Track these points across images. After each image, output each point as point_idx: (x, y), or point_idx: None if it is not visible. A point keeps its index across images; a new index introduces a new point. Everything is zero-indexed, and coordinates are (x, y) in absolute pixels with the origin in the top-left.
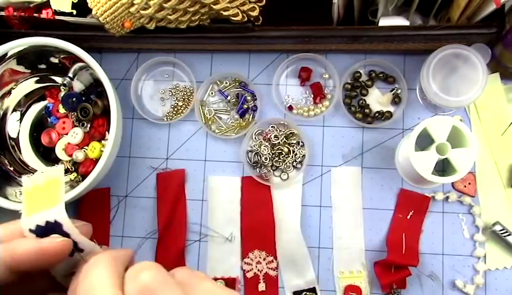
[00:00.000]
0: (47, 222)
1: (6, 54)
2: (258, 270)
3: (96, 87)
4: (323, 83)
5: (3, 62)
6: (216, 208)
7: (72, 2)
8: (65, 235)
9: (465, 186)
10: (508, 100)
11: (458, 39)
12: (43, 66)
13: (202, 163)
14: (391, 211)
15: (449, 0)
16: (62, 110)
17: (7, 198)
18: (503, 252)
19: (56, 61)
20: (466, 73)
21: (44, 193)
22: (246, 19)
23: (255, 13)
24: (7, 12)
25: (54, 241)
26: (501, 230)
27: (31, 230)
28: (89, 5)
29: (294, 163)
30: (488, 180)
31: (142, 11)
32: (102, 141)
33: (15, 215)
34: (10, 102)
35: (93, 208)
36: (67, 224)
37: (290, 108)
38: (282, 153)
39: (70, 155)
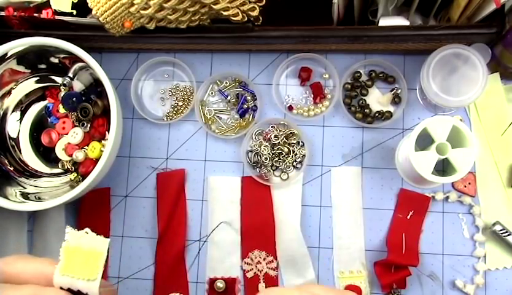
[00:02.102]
0: (79, 291)
1: (6, 54)
2: (258, 270)
3: (96, 87)
4: (323, 83)
5: (3, 62)
6: (216, 208)
7: (72, 2)
8: None
9: (465, 186)
10: (508, 100)
11: (458, 39)
12: (43, 66)
13: (202, 163)
14: (391, 211)
15: (449, 0)
16: (62, 110)
17: (7, 198)
18: (503, 252)
19: (56, 61)
20: (466, 73)
21: (84, 258)
22: (246, 19)
23: (255, 13)
24: (7, 12)
25: None
26: (501, 230)
27: (61, 287)
28: (89, 5)
29: (294, 163)
30: (488, 180)
31: (142, 11)
32: (102, 141)
33: (14, 215)
34: (10, 102)
35: (93, 208)
36: None
37: (290, 108)
38: (282, 153)
39: (70, 155)
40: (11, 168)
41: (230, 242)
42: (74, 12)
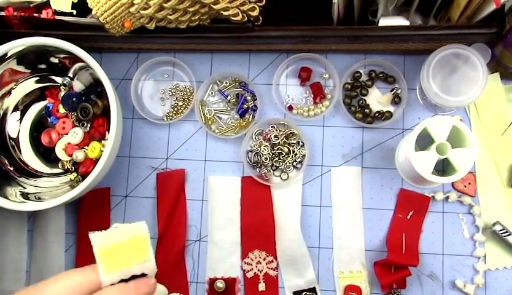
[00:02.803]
0: (133, 276)
1: (6, 54)
2: (258, 270)
3: (96, 87)
4: (323, 83)
5: (3, 62)
6: (216, 208)
7: (72, 2)
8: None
9: (465, 186)
10: (508, 100)
11: (458, 39)
12: (43, 66)
13: (202, 163)
14: (391, 211)
15: (449, 0)
16: (62, 110)
17: (7, 198)
18: (503, 252)
19: (56, 61)
20: (466, 73)
21: (129, 248)
22: (246, 19)
23: (255, 13)
24: (7, 12)
25: (149, 284)
26: (501, 230)
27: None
28: (89, 5)
29: (294, 163)
30: (488, 180)
31: (142, 11)
32: (102, 141)
33: (15, 215)
34: (10, 102)
35: (93, 208)
36: (153, 272)
37: (290, 108)
38: (282, 153)
39: (70, 155)
40: (11, 168)
41: (230, 242)
42: (74, 12)
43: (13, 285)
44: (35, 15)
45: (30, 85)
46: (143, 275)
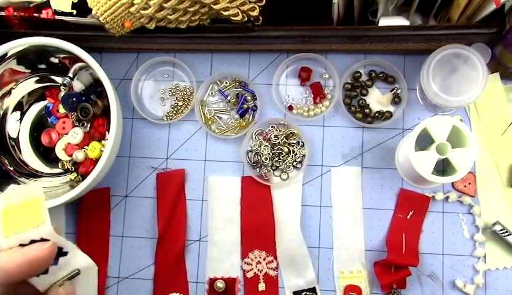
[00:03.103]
0: (32, 241)
1: (6, 54)
2: (258, 270)
3: (96, 87)
4: (323, 83)
5: (3, 62)
6: (216, 208)
7: (72, 2)
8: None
9: (465, 186)
10: (508, 100)
11: (458, 39)
12: (43, 66)
13: (202, 163)
14: (391, 211)
15: (449, 0)
16: (62, 110)
17: None
18: (503, 252)
19: (56, 61)
20: (466, 73)
21: (22, 211)
22: (246, 19)
23: (255, 13)
24: (7, 12)
25: (42, 248)
26: (501, 230)
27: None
28: (89, 5)
29: (294, 163)
30: (488, 180)
31: (142, 11)
32: (102, 141)
33: None
34: (10, 102)
35: (93, 208)
36: (54, 237)
37: (290, 108)
38: (282, 153)
39: (70, 155)
40: (11, 168)
41: (230, 242)
42: (74, 12)
43: None
44: (35, 15)
45: (30, 85)
46: (43, 239)
